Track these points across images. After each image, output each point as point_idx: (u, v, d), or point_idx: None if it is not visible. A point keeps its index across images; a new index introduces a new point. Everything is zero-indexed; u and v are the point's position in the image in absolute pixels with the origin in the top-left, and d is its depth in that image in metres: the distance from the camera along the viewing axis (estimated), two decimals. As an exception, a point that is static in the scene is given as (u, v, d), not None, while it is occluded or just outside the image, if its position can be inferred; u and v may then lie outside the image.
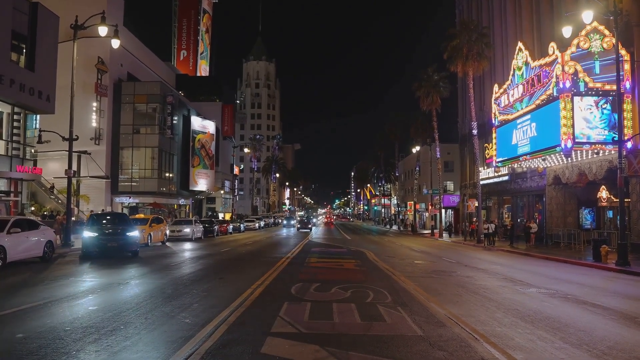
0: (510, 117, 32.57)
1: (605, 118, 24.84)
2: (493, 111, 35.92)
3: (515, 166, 34.95)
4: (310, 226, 58.49)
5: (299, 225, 60.21)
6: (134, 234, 20.73)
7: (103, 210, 37.93)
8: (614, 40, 21.61)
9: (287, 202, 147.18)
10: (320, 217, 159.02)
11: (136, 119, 47.76)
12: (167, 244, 29.49)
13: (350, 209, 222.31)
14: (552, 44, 26.91)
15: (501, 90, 34.31)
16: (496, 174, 41.11)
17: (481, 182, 38.59)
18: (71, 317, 8.77)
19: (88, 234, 19.88)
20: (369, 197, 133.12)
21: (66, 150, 25.50)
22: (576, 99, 25.07)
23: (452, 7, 57.01)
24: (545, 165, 31.64)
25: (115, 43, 25.34)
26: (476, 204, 38.19)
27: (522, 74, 30.46)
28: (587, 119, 25.02)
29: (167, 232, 31.07)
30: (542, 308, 10.33)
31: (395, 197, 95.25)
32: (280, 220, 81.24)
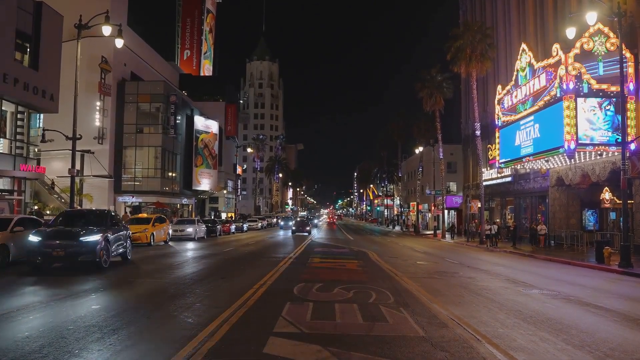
0: (513, 118, 32.52)
1: (608, 119, 24.77)
2: (496, 112, 35.86)
3: (519, 167, 34.92)
4: (308, 228, 48.36)
5: (294, 228, 48.96)
6: (93, 238, 15.14)
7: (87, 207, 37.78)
8: (617, 42, 21.55)
9: (289, 202, 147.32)
10: (323, 217, 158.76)
11: (139, 119, 47.81)
12: (169, 243, 29.53)
13: (352, 209, 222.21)
14: (556, 45, 26.87)
15: (504, 91, 34.27)
16: (499, 175, 41.07)
17: (484, 183, 38.51)
18: (74, 315, 8.80)
19: (32, 238, 14.94)
20: (371, 198, 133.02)
21: (69, 150, 25.54)
22: (580, 100, 25.02)
23: (455, 7, 56.98)
24: (548, 167, 31.58)
25: (119, 42, 25.37)
26: (479, 205, 38.17)
27: (526, 75, 30.42)
28: (590, 121, 24.96)
29: (170, 231, 31.11)
30: (545, 309, 10.32)
31: (398, 198, 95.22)
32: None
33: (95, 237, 15.22)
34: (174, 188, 51.38)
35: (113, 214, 18.90)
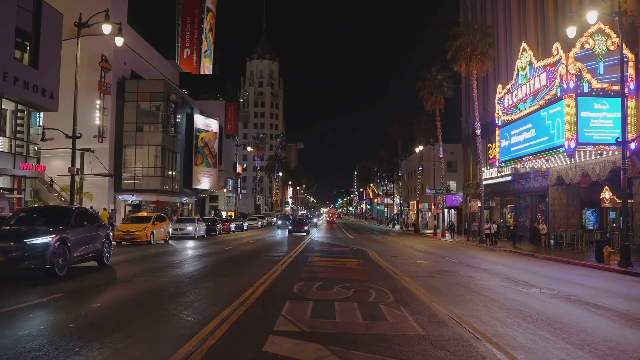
0: (513, 117, 32.51)
1: (609, 119, 24.77)
2: (496, 111, 35.85)
3: (519, 166, 34.91)
4: (306, 228, 45.02)
5: (290, 227, 45.59)
6: (42, 240, 12.46)
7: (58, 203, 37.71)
8: (618, 41, 21.54)
9: (290, 200, 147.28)
10: (323, 217, 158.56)
11: (139, 117, 47.79)
12: (169, 242, 29.54)
13: (352, 208, 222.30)
14: (557, 44, 26.85)
15: (505, 90, 34.26)
16: (499, 174, 41.05)
17: (484, 182, 38.53)
18: (74, 314, 8.80)
19: None
20: (371, 197, 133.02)
21: (69, 148, 25.55)
22: (580, 99, 25.02)
23: (455, 6, 56.94)
24: (548, 166, 31.58)
25: (119, 41, 25.38)
26: (479, 204, 38.16)
27: (526, 74, 30.40)
28: (590, 120, 24.97)
29: (170, 230, 31.13)
30: (544, 308, 10.32)
31: (398, 197, 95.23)
32: None
33: (45, 239, 12.48)
34: (174, 187, 51.38)
35: (90, 211, 16.36)
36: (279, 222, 62.57)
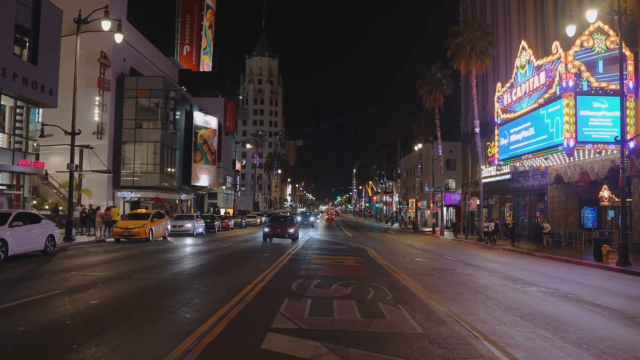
0: (512, 115, 32.52)
1: (608, 117, 24.79)
2: (496, 109, 35.86)
3: (517, 165, 34.92)
4: (292, 231, 29.59)
5: (266, 230, 29.57)
6: None
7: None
8: (617, 40, 21.53)
9: (288, 198, 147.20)
10: (322, 214, 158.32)
11: (139, 114, 47.79)
12: (168, 238, 29.53)
13: (351, 205, 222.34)
14: (556, 43, 26.85)
15: (504, 88, 34.26)
16: (498, 173, 41.05)
17: (483, 181, 38.54)
18: (72, 310, 8.79)
19: None
20: (370, 194, 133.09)
21: (68, 144, 25.51)
22: (579, 98, 25.03)
23: (455, 5, 56.91)
24: (547, 164, 31.58)
25: (118, 37, 25.32)
26: (478, 202, 38.16)
27: (525, 72, 30.40)
28: (589, 118, 24.98)
29: (169, 227, 31.11)
30: (543, 307, 10.33)
31: (397, 195, 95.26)
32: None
33: None
34: (173, 184, 51.39)
35: None
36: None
